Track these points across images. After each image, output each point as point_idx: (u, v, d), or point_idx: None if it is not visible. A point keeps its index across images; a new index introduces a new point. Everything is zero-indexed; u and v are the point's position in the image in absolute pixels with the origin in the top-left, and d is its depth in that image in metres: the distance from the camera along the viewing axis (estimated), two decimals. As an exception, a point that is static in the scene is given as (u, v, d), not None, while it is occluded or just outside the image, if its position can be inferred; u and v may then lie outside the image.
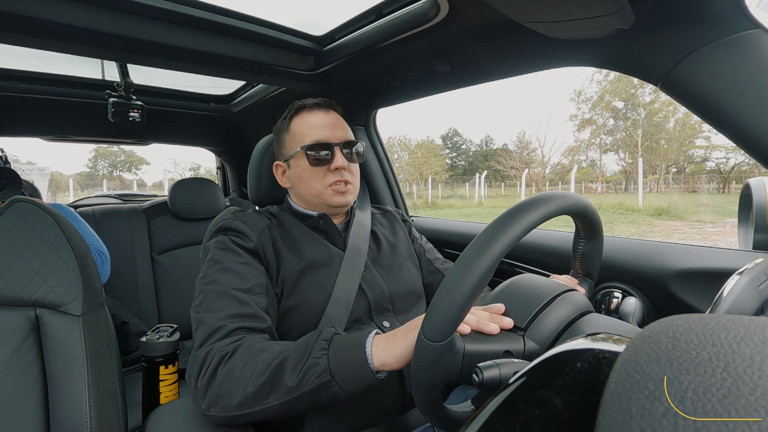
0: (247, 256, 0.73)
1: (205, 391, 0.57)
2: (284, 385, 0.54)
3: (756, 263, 0.47)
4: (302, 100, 0.86)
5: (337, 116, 0.85)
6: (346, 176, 0.82)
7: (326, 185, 0.81)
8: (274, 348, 0.58)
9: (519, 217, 0.45)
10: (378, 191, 1.54)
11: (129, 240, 1.66)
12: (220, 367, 0.57)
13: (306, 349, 0.56)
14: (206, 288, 0.68)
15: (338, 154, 0.80)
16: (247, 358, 0.57)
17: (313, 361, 0.54)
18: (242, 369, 0.56)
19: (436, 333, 0.43)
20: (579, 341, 0.37)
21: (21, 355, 0.68)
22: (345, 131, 0.84)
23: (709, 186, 26.34)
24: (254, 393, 0.54)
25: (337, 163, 0.80)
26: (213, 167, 2.56)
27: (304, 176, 0.82)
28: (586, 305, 0.56)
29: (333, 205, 0.82)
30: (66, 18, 0.79)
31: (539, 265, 1.08)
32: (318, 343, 0.56)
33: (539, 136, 42.66)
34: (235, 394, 0.55)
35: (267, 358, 0.56)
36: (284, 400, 0.54)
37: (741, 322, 0.20)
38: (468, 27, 0.82)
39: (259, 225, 0.79)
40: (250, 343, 0.60)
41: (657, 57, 0.66)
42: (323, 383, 0.53)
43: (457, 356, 0.46)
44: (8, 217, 0.72)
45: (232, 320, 0.63)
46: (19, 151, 32.18)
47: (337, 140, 0.81)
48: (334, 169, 0.80)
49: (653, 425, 0.17)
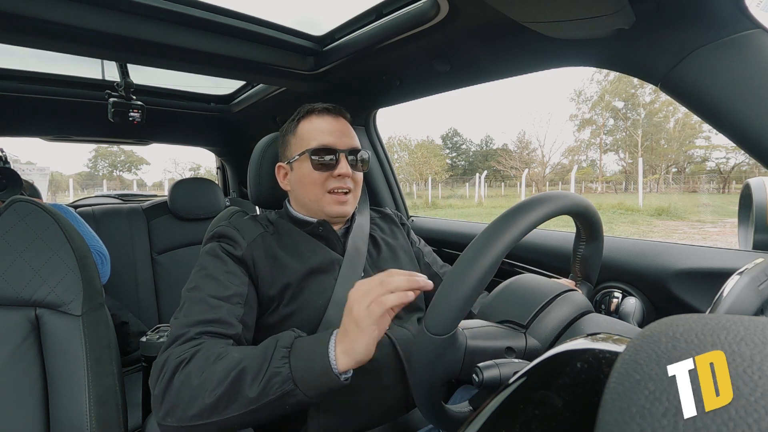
0: (233, 264, 0.73)
1: (162, 399, 0.55)
2: (245, 396, 0.52)
3: (756, 263, 0.47)
4: (312, 104, 0.85)
5: (345, 123, 0.85)
6: (348, 184, 0.81)
7: (326, 191, 0.80)
8: (232, 355, 0.56)
9: (524, 213, 0.45)
10: (378, 191, 1.54)
11: (129, 240, 1.66)
12: (177, 374, 0.56)
13: (266, 357, 0.54)
14: (187, 294, 0.69)
15: (343, 161, 0.80)
16: (204, 365, 0.55)
17: (275, 371, 0.53)
18: (199, 377, 0.54)
19: (440, 326, 0.43)
20: (579, 341, 0.37)
21: (21, 355, 0.68)
22: (352, 139, 0.84)
23: (709, 186, 26.34)
24: (212, 404, 0.52)
25: (341, 170, 0.79)
26: (213, 167, 2.56)
27: (306, 180, 0.81)
28: (586, 305, 0.56)
29: (330, 215, 0.82)
30: (66, 18, 0.79)
31: (539, 265, 1.08)
32: (278, 351, 0.55)
33: (539, 136, 42.68)
34: (193, 403, 0.53)
35: (225, 366, 0.54)
36: (245, 410, 0.52)
37: (741, 322, 0.20)
38: (468, 27, 0.82)
39: (253, 233, 0.79)
40: (208, 348, 0.58)
41: (657, 57, 0.66)
42: (287, 392, 0.52)
43: (459, 351, 0.47)
44: (8, 217, 0.72)
45: (197, 326, 0.62)
46: (19, 151, 32.19)
47: (344, 147, 0.81)
48: (337, 176, 0.80)
49: (653, 425, 0.17)
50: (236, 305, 0.68)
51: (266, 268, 0.75)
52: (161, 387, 0.56)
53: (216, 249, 0.75)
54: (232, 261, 0.73)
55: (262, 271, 0.74)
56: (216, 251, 0.74)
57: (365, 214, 0.95)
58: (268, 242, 0.79)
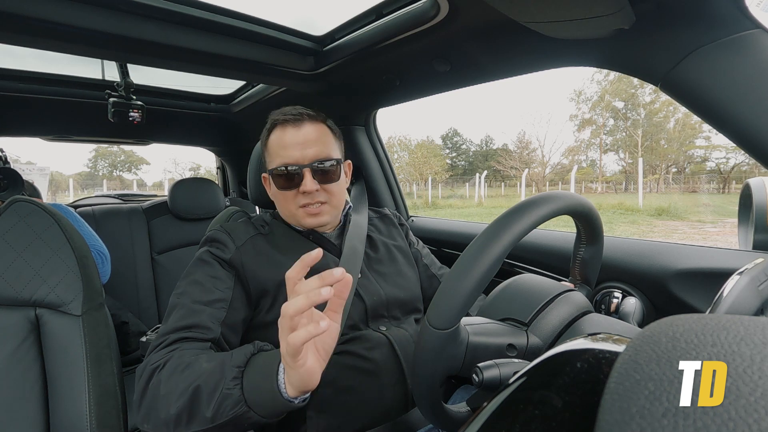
0: (220, 269, 0.74)
1: (139, 405, 0.57)
2: (202, 415, 0.52)
3: (756, 263, 0.47)
4: (279, 112, 0.81)
5: (311, 129, 0.78)
6: (318, 197, 0.78)
7: (298, 206, 0.79)
8: (199, 366, 0.55)
9: (527, 211, 0.46)
10: (378, 192, 1.54)
11: (129, 240, 1.66)
12: (151, 381, 0.57)
13: (222, 374, 0.53)
14: (174, 300, 0.70)
15: (307, 176, 0.76)
16: (172, 374, 0.56)
17: (227, 392, 0.51)
18: (167, 386, 0.55)
19: (442, 320, 0.43)
20: (579, 341, 0.37)
21: (21, 355, 0.68)
22: (318, 147, 0.78)
23: (709, 186, 26.36)
24: (176, 416, 0.53)
25: (305, 187, 0.76)
26: (213, 167, 2.56)
27: (278, 197, 0.81)
28: (586, 305, 0.56)
29: (306, 226, 0.82)
30: (66, 18, 0.79)
31: (539, 265, 1.08)
32: (229, 370, 0.53)
33: (539, 136, 42.61)
34: (162, 411, 0.54)
35: (187, 379, 0.54)
36: (205, 428, 0.52)
37: (741, 322, 0.20)
38: (468, 27, 0.82)
39: (243, 236, 0.79)
40: (180, 355, 0.59)
41: (657, 57, 0.66)
42: (240, 414, 0.51)
43: (461, 346, 0.47)
44: (8, 217, 0.72)
45: (175, 332, 0.63)
46: (20, 151, 32.22)
47: (307, 160, 0.76)
48: (303, 192, 0.77)
49: (653, 425, 0.17)
50: (219, 309, 0.69)
51: (258, 268, 0.75)
52: (138, 393, 0.58)
53: (204, 254, 0.76)
54: (219, 265, 0.74)
55: (254, 271, 0.74)
56: (204, 256, 0.76)
57: (363, 214, 0.95)
58: (261, 244, 0.79)
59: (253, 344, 0.58)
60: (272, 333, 0.73)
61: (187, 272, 0.74)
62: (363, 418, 0.70)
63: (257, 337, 0.74)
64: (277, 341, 0.72)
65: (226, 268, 0.74)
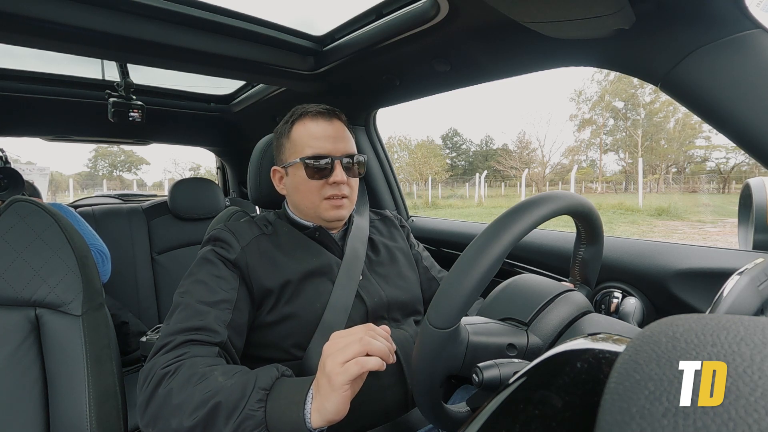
0: (224, 269, 0.73)
1: (145, 408, 0.56)
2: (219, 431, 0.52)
3: (756, 263, 0.47)
4: (305, 106, 0.83)
5: (340, 126, 0.83)
6: (343, 190, 0.80)
7: (322, 198, 0.80)
8: (214, 379, 0.55)
9: (527, 211, 0.46)
10: (378, 192, 1.54)
11: (129, 240, 1.66)
12: (161, 387, 0.56)
13: (243, 394, 0.52)
14: (178, 299, 0.69)
15: (338, 168, 0.79)
16: (186, 384, 0.55)
17: (249, 413, 0.51)
18: (180, 396, 0.54)
19: (443, 320, 0.43)
20: (579, 341, 0.37)
21: (21, 355, 0.68)
22: (347, 143, 0.82)
23: (709, 186, 26.35)
24: (190, 427, 0.52)
25: (336, 177, 0.78)
26: (213, 167, 2.56)
27: (302, 187, 0.81)
28: (586, 305, 0.56)
29: (327, 219, 0.82)
30: (66, 18, 0.79)
31: (539, 265, 1.08)
32: (256, 392, 0.53)
33: (539, 136, 42.61)
34: (172, 420, 0.53)
35: (203, 392, 0.53)
36: None
37: (741, 322, 0.20)
38: (468, 27, 0.82)
39: (248, 236, 0.79)
40: (192, 363, 0.58)
41: (657, 57, 0.66)
42: None
43: (461, 346, 0.46)
44: (8, 217, 0.72)
45: (182, 334, 0.62)
46: (20, 151, 32.23)
47: (339, 153, 0.79)
48: (332, 183, 0.79)
49: (653, 425, 0.17)
50: (224, 311, 0.68)
51: (262, 269, 0.75)
52: (145, 396, 0.57)
53: (209, 253, 0.75)
54: (224, 265, 0.74)
55: (257, 272, 0.74)
56: (208, 255, 0.75)
57: (365, 216, 0.95)
58: (265, 244, 0.79)
59: (276, 367, 0.58)
60: (272, 334, 0.73)
61: (191, 271, 0.73)
62: (363, 418, 0.70)
63: (257, 337, 0.74)
64: (277, 342, 0.73)
65: (231, 269, 0.74)
